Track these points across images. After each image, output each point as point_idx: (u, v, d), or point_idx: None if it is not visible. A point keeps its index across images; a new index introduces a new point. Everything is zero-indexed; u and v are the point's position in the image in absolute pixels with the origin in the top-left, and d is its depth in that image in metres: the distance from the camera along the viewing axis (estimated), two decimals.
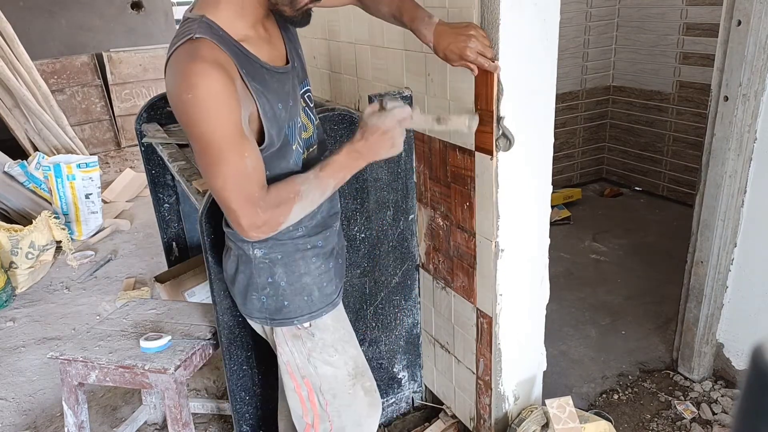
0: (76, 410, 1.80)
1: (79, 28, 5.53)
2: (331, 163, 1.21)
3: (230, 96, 1.06)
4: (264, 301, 1.33)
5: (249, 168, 1.10)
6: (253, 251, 1.29)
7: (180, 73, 1.07)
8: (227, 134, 1.07)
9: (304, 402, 1.41)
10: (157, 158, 2.50)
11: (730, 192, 1.98)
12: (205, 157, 1.09)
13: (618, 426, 2.04)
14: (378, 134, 1.21)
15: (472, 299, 1.70)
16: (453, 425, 2.00)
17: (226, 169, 1.08)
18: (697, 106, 3.61)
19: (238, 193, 1.10)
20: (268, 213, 1.14)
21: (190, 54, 1.06)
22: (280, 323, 1.34)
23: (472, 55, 1.32)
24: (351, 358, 1.42)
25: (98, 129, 5.49)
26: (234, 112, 1.07)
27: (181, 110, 1.07)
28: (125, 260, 3.67)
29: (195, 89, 1.03)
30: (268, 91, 1.16)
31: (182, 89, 1.05)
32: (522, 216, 1.56)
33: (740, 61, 1.84)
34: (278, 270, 1.30)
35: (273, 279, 1.31)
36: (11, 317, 3.06)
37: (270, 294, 1.32)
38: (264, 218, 1.13)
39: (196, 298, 2.53)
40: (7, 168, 3.99)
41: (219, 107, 1.05)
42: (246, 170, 1.10)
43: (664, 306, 2.70)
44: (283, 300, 1.32)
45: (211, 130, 1.06)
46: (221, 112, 1.06)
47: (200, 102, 1.04)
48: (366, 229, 1.79)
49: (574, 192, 3.99)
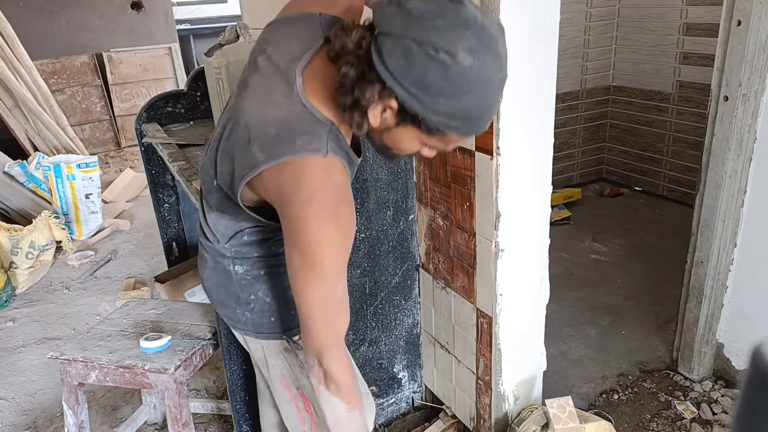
0: (76, 410, 1.80)
1: (79, 28, 5.53)
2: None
3: (349, 229, 1.05)
4: (249, 316, 1.30)
5: (338, 299, 1.07)
6: (233, 267, 1.25)
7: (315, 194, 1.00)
8: (337, 263, 1.04)
9: (300, 411, 1.39)
10: (157, 158, 2.50)
11: (730, 192, 1.98)
12: (304, 268, 1.03)
13: (618, 426, 2.04)
14: None
15: (472, 299, 1.70)
16: (453, 425, 2.00)
17: (321, 292, 1.04)
18: (697, 106, 3.60)
19: (323, 319, 1.06)
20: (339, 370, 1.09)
21: (326, 173, 1.01)
22: (267, 337, 1.32)
23: None
24: None
25: (98, 129, 5.49)
26: (346, 244, 1.05)
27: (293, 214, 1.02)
28: (125, 260, 3.67)
29: (330, 217, 1.00)
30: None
31: (322, 215, 1.00)
32: (522, 216, 1.56)
33: (740, 61, 1.84)
34: (261, 287, 1.27)
35: (256, 296, 1.28)
36: (11, 317, 3.06)
37: (254, 309, 1.29)
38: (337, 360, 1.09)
39: (196, 298, 2.53)
40: (7, 168, 3.99)
41: (344, 239, 1.04)
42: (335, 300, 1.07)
43: (664, 306, 2.70)
44: (269, 315, 1.29)
45: (329, 257, 1.02)
46: (344, 245, 1.04)
47: (330, 229, 1.01)
48: (366, 229, 1.79)
49: (574, 192, 3.99)
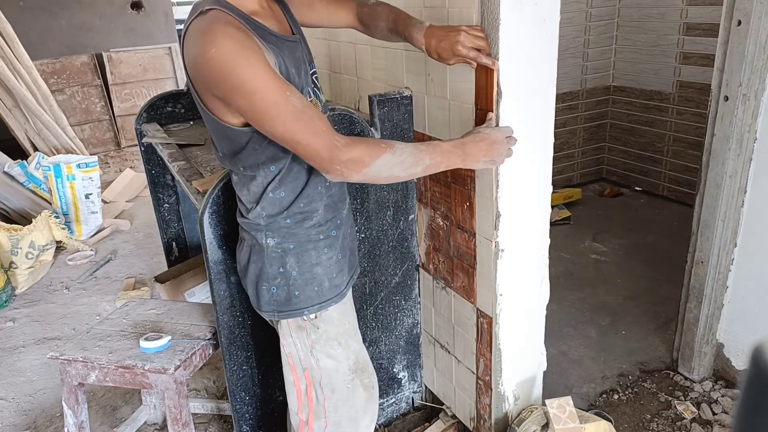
0: (76, 410, 1.80)
1: (79, 28, 5.53)
2: (433, 144, 1.26)
3: (253, 45, 1.08)
4: (274, 292, 1.33)
5: (302, 106, 1.10)
6: (266, 240, 1.30)
7: (199, 38, 1.09)
8: (263, 76, 1.07)
9: (301, 397, 1.42)
10: (157, 158, 2.50)
11: (730, 192, 1.98)
12: (252, 106, 1.09)
13: (618, 426, 2.04)
14: (487, 142, 1.29)
15: (472, 299, 1.70)
16: (453, 425, 2.00)
17: (284, 111, 1.08)
18: (697, 106, 3.61)
19: (301, 128, 1.10)
20: (353, 149, 1.14)
21: (209, 21, 1.10)
22: (287, 315, 1.35)
23: (464, 50, 1.33)
24: (353, 352, 1.43)
25: (98, 129, 5.48)
26: (261, 58, 1.08)
27: (209, 69, 1.08)
28: (125, 260, 3.67)
29: (217, 43, 1.05)
30: (283, 54, 1.18)
31: (205, 48, 1.06)
32: (522, 216, 1.56)
33: (740, 61, 1.84)
34: (290, 260, 1.31)
35: (284, 269, 1.31)
36: (11, 317, 3.06)
37: (281, 284, 1.32)
38: (348, 153, 1.14)
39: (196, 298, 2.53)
40: (7, 168, 3.99)
41: (246, 54, 1.06)
42: (301, 109, 1.10)
43: (664, 306, 2.70)
44: (294, 290, 1.32)
45: (246, 76, 1.06)
46: (250, 58, 1.06)
47: (227, 53, 1.05)
48: (366, 229, 1.79)
49: (574, 192, 3.99)
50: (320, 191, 1.31)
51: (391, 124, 1.73)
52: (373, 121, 1.70)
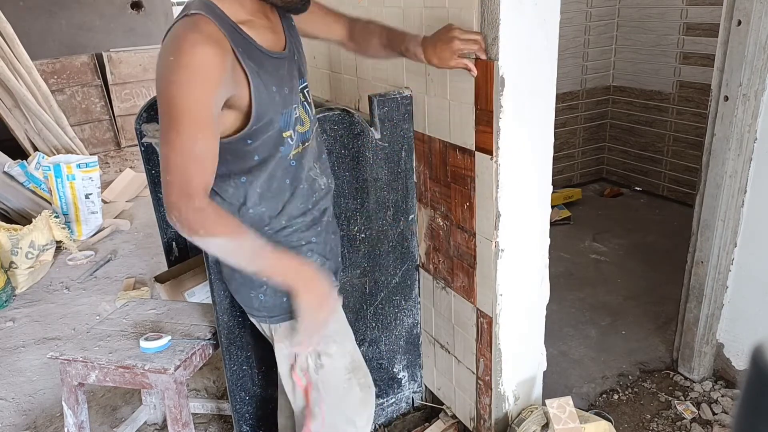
0: (76, 410, 1.80)
1: (79, 28, 5.53)
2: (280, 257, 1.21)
3: (212, 74, 1.06)
4: (262, 299, 1.33)
5: (196, 152, 1.07)
6: None
7: (171, 41, 1.08)
8: (191, 108, 1.06)
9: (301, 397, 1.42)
10: (157, 158, 2.50)
11: (731, 192, 1.98)
12: (163, 119, 1.08)
13: (618, 426, 2.04)
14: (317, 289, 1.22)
15: (472, 299, 1.70)
16: (453, 425, 2.00)
17: (177, 142, 1.07)
18: (697, 106, 3.61)
19: (180, 164, 1.08)
20: (200, 214, 1.09)
21: (185, 27, 1.08)
22: (279, 320, 1.35)
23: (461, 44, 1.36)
24: (348, 352, 1.43)
25: (98, 129, 5.49)
26: (208, 93, 1.06)
27: (160, 71, 1.07)
28: (125, 260, 3.67)
29: (180, 54, 1.05)
30: (263, 72, 1.16)
31: (169, 52, 1.06)
32: (522, 216, 1.56)
33: (740, 61, 1.84)
34: None
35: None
36: (11, 317, 3.06)
37: (267, 292, 1.32)
38: (193, 214, 1.09)
39: (196, 298, 2.52)
40: (7, 168, 3.99)
41: (196, 79, 1.05)
42: (193, 152, 1.07)
43: (664, 306, 2.70)
44: (281, 296, 1.32)
45: (179, 97, 1.05)
46: (195, 85, 1.05)
47: (180, 67, 1.04)
48: (366, 229, 1.79)
49: (574, 192, 3.99)
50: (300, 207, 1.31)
51: (391, 124, 1.73)
52: (373, 121, 1.70)
